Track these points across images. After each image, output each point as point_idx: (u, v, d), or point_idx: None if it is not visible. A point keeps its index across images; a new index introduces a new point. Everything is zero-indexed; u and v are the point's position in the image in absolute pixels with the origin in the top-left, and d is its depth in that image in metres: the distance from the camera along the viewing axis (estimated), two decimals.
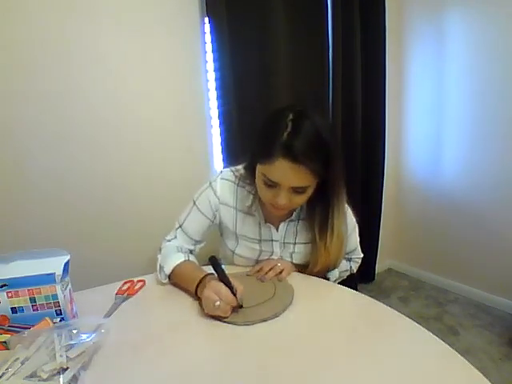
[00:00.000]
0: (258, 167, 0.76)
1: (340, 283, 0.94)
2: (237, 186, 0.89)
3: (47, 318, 0.62)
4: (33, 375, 0.49)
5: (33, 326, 0.60)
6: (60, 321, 0.63)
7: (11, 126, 1.12)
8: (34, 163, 1.16)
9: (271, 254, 0.91)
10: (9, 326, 0.62)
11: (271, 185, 0.74)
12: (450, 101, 1.89)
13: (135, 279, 0.87)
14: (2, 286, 0.60)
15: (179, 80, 1.40)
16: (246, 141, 1.40)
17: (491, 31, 1.66)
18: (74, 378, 0.50)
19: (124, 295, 0.79)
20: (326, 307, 0.74)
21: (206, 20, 1.38)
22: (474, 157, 1.83)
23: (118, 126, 1.29)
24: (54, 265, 0.62)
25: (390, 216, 2.24)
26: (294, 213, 0.89)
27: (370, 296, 0.73)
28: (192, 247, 0.91)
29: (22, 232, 1.16)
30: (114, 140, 1.30)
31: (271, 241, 0.90)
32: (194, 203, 0.90)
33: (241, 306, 0.68)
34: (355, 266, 1.01)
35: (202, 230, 0.91)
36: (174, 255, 0.84)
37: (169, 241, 0.90)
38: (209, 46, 1.40)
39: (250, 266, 0.90)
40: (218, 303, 0.64)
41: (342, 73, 1.73)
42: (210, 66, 1.42)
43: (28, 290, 0.61)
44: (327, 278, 0.92)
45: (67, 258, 0.65)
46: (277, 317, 0.67)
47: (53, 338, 0.55)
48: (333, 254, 0.85)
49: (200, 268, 0.80)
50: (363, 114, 1.90)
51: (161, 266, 0.84)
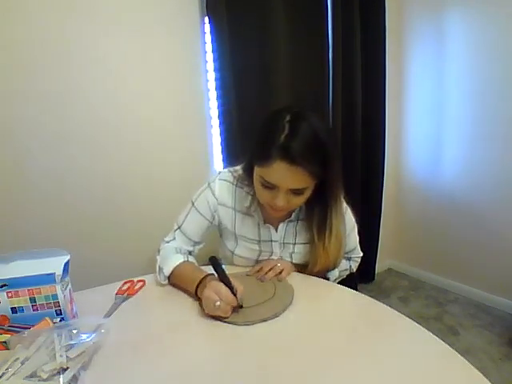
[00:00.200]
0: (256, 169, 0.76)
1: (340, 283, 0.94)
2: (235, 186, 0.89)
3: (47, 318, 0.62)
4: (33, 375, 0.49)
5: (33, 325, 0.60)
6: (60, 321, 0.63)
7: (11, 126, 1.12)
8: (34, 163, 1.17)
9: (271, 254, 0.91)
10: (9, 326, 0.62)
11: (269, 186, 0.73)
12: (450, 101, 1.89)
13: (135, 279, 0.86)
14: (2, 286, 0.60)
15: (179, 80, 1.40)
16: (246, 141, 1.40)
17: (491, 31, 1.66)
18: (74, 377, 0.50)
19: (124, 295, 0.79)
20: (326, 307, 0.74)
21: (206, 20, 1.38)
22: (474, 157, 1.83)
23: (117, 126, 1.29)
24: (54, 265, 0.62)
25: (390, 216, 2.24)
26: (293, 213, 0.88)
27: (370, 296, 0.73)
28: (191, 248, 0.91)
29: (22, 232, 1.16)
30: (114, 140, 1.30)
31: (270, 241, 0.90)
32: (193, 204, 0.89)
33: (241, 306, 0.68)
34: (355, 266, 1.01)
35: (201, 231, 0.90)
36: (172, 256, 0.84)
37: (167, 242, 0.90)
38: (209, 46, 1.41)
39: (249, 267, 0.90)
40: (218, 303, 0.64)
41: (342, 73, 1.73)
42: (210, 66, 1.42)
43: (28, 290, 0.61)
44: (327, 278, 0.92)
45: (67, 258, 0.65)
46: (277, 317, 0.67)
47: (53, 337, 0.55)
48: (332, 255, 0.85)
49: (199, 268, 0.80)
50: (363, 113, 1.90)
51: (160, 268, 0.84)
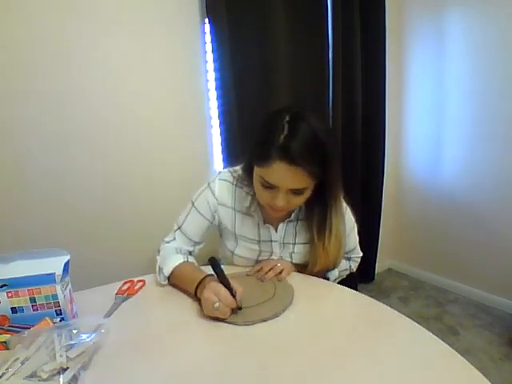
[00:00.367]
0: (256, 169, 0.76)
1: (340, 283, 0.94)
2: (235, 186, 0.89)
3: (47, 318, 0.62)
4: (33, 375, 0.49)
5: (33, 325, 0.60)
6: (60, 321, 0.63)
7: (11, 126, 1.12)
8: (34, 163, 1.17)
9: (270, 254, 0.91)
10: (9, 326, 0.62)
11: (269, 187, 0.73)
12: (450, 101, 1.89)
13: (135, 279, 0.86)
14: (2, 286, 0.60)
15: (179, 80, 1.40)
16: (246, 141, 1.40)
17: (491, 31, 1.66)
18: (74, 377, 0.50)
19: (124, 295, 0.79)
20: (326, 307, 0.74)
21: (206, 20, 1.38)
22: (474, 157, 1.83)
23: (117, 126, 1.29)
24: (54, 265, 0.62)
25: (390, 216, 2.24)
26: (293, 213, 0.88)
27: (370, 296, 0.73)
28: (191, 248, 0.91)
29: (22, 232, 1.16)
30: (114, 140, 1.30)
31: (270, 241, 0.90)
32: (193, 204, 0.89)
33: (240, 308, 0.67)
34: (354, 265, 1.01)
35: (201, 231, 0.90)
36: (172, 257, 0.84)
37: (168, 242, 0.90)
38: (209, 46, 1.41)
39: (249, 267, 0.90)
40: (217, 304, 0.64)
41: (342, 73, 1.73)
42: (210, 65, 1.42)
43: (28, 290, 0.61)
44: (327, 278, 0.92)
45: (67, 257, 0.65)
46: (277, 317, 0.67)
47: (53, 337, 0.55)
48: (331, 255, 0.85)
49: (199, 269, 0.80)
50: (363, 113, 1.90)
51: (160, 268, 0.83)
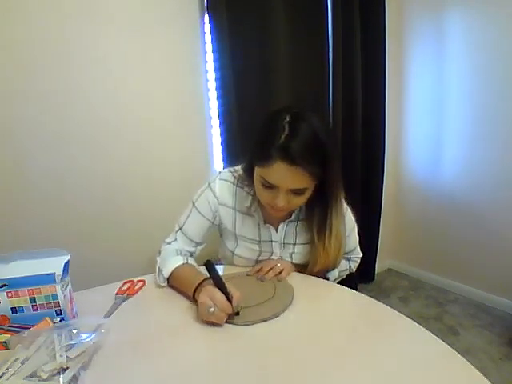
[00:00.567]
0: (256, 170, 0.76)
1: (340, 283, 0.94)
2: (236, 186, 0.89)
3: (47, 318, 0.62)
4: (33, 375, 0.49)
5: (33, 325, 0.60)
6: (60, 321, 0.63)
7: (11, 126, 1.12)
8: (34, 163, 1.17)
9: (271, 254, 0.91)
10: (9, 326, 0.62)
11: (269, 187, 0.73)
12: (450, 101, 1.89)
13: (135, 279, 0.86)
14: (2, 286, 0.60)
15: (179, 80, 1.40)
16: (246, 141, 1.40)
17: (491, 31, 1.66)
18: (74, 377, 0.50)
19: (124, 295, 0.79)
20: (326, 307, 0.74)
21: (206, 20, 1.38)
22: (474, 157, 1.83)
23: (117, 126, 1.29)
24: (54, 265, 0.62)
25: (390, 216, 2.24)
26: (293, 214, 0.88)
27: (370, 296, 0.73)
28: (192, 249, 0.90)
29: (22, 232, 1.16)
30: (114, 140, 1.30)
31: (270, 241, 0.90)
32: (194, 205, 0.89)
33: (237, 313, 0.66)
34: (354, 266, 1.01)
35: (202, 231, 0.90)
36: (172, 258, 0.83)
37: (169, 243, 0.89)
38: (209, 46, 1.41)
39: (249, 267, 0.90)
40: (212, 309, 0.62)
41: (342, 73, 1.73)
42: (210, 65, 1.42)
43: (28, 290, 0.61)
44: (327, 278, 0.92)
45: (67, 258, 0.65)
46: (277, 317, 0.67)
47: (53, 337, 0.55)
48: (332, 255, 0.85)
49: (199, 272, 0.79)
50: (363, 113, 1.90)
51: (159, 269, 0.83)
